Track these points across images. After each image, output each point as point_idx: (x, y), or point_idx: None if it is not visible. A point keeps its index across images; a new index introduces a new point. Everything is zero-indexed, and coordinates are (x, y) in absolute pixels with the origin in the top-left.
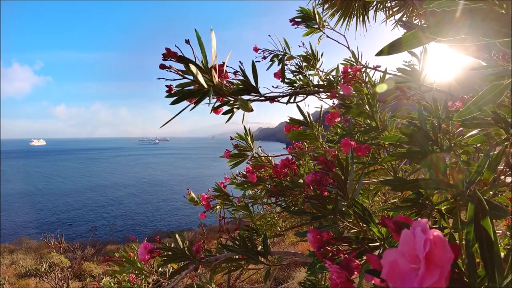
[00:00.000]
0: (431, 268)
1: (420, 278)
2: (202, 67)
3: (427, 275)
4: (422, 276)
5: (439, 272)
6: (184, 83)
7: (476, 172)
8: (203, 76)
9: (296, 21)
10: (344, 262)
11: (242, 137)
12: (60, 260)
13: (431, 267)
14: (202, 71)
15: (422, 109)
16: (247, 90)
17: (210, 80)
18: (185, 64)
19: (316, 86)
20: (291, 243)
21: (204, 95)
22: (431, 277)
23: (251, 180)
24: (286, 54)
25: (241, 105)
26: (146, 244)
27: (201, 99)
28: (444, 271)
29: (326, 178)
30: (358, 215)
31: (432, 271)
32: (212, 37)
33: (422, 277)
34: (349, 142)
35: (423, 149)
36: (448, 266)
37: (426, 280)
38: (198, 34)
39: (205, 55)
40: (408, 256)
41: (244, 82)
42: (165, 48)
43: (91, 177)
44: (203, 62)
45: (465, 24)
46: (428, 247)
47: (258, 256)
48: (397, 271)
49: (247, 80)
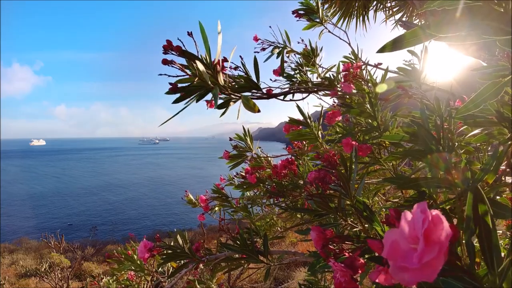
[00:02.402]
0: (429, 244)
1: (419, 254)
2: (206, 62)
3: (426, 251)
4: (421, 252)
5: (438, 248)
6: (186, 79)
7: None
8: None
9: (299, 13)
10: (349, 260)
11: (241, 137)
12: (60, 260)
13: (429, 243)
14: (206, 67)
15: (424, 107)
16: (249, 86)
17: (214, 77)
18: (188, 59)
19: (317, 85)
20: (291, 243)
21: (207, 91)
22: (430, 253)
23: (250, 181)
24: (286, 47)
25: (246, 105)
26: (146, 242)
27: (203, 95)
28: (443, 247)
29: (330, 176)
30: (361, 214)
31: (430, 248)
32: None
33: (421, 253)
34: (351, 142)
35: (427, 148)
36: (446, 242)
37: (425, 256)
38: (202, 26)
39: (209, 50)
40: (409, 236)
41: (246, 79)
42: (166, 40)
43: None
44: (206, 57)
45: (465, 23)
46: (426, 225)
47: (258, 255)
48: (398, 250)
49: (249, 76)
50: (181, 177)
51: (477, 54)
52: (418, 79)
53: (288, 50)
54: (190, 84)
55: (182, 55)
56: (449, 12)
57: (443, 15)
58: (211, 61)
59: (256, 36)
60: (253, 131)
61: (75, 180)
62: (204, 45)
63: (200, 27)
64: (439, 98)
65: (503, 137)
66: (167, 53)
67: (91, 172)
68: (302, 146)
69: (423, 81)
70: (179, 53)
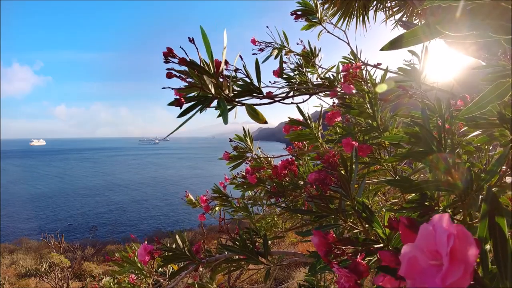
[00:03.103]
0: (454, 264)
1: (443, 275)
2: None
3: (450, 271)
4: (446, 273)
5: (463, 268)
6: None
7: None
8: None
9: (297, 14)
10: (352, 265)
11: (241, 138)
12: (60, 260)
13: (454, 263)
14: (209, 75)
15: (425, 108)
16: (251, 91)
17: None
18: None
19: (316, 86)
20: (291, 243)
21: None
22: (454, 274)
23: (250, 181)
24: (285, 48)
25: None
26: (146, 246)
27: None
28: (469, 267)
29: (330, 177)
30: (361, 215)
31: (455, 268)
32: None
33: (446, 273)
34: (351, 142)
35: (428, 149)
36: (473, 262)
37: (450, 277)
38: (204, 32)
39: (212, 59)
40: (428, 252)
41: (248, 84)
42: (166, 48)
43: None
44: (210, 66)
45: (466, 22)
46: (452, 242)
47: (258, 256)
48: (416, 267)
49: (250, 80)
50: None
51: (477, 54)
52: (418, 79)
53: (287, 51)
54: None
55: (186, 65)
56: (449, 11)
57: (443, 15)
58: (214, 70)
59: (254, 39)
60: (253, 131)
61: (77, 180)
62: (207, 53)
63: (202, 33)
64: (440, 98)
65: (505, 138)
66: (168, 61)
67: (93, 172)
68: (302, 146)
69: (423, 81)
70: (183, 63)
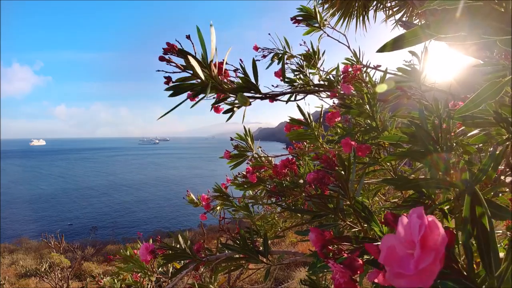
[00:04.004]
0: (426, 251)
1: (415, 261)
2: (202, 62)
3: (422, 257)
4: (418, 259)
5: (434, 254)
6: (183, 77)
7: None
8: (203, 70)
9: (297, 19)
10: (347, 261)
11: (242, 137)
12: (60, 260)
13: (426, 250)
14: (202, 66)
15: (423, 108)
16: (247, 87)
17: (210, 75)
18: (184, 57)
19: (317, 86)
20: (291, 243)
21: (202, 89)
22: (426, 259)
23: (251, 180)
24: (286, 53)
25: (239, 100)
26: (147, 245)
27: (199, 93)
28: (439, 253)
29: (328, 177)
30: (359, 214)
31: (426, 254)
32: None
33: (418, 259)
34: (350, 142)
35: (425, 148)
36: (442, 248)
37: (422, 262)
38: (199, 29)
39: (205, 50)
40: (405, 242)
41: (244, 80)
42: (166, 43)
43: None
44: (203, 57)
45: (465, 23)
46: (423, 231)
47: (259, 256)
48: (394, 256)
49: (247, 77)
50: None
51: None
52: (418, 79)
53: (288, 56)
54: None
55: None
56: (449, 11)
57: (443, 15)
58: (206, 60)
59: (256, 46)
60: (253, 131)
61: (80, 180)
62: (201, 45)
63: (197, 30)
64: (438, 99)
65: (501, 137)
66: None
67: (95, 172)
68: (303, 146)
69: (423, 82)
70: (177, 52)
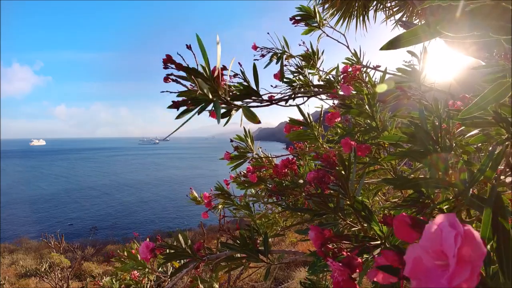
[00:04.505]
0: (461, 265)
1: (450, 276)
2: (205, 75)
3: (457, 272)
4: (453, 274)
5: (470, 269)
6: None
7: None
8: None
9: (296, 19)
10: (346, 260)
11: (241, 138)
12: (60, 260)
13: (461, 264)
14: (205, 79)
15: (423, 108)
16: (249, 94)
17: (214, 90)
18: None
19: (316, 86)
20: (291, 243)
21: (208, 104)
22: (461, 275)
23: (251, 180)
24: (285, 53)
25: (247, 116)
26: (148, 243)
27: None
28: (476, 268)
29: (328, 176)
30: (359, 213)
31: (462, 268)
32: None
33: (452, 274)
34: (349, 142)
35: (425, 148)
36: (480, 262)
37: (456, 278)
38: (200, 40)
39: (208, 64)
40: (433, 252)
41: (245, 87)
42: (166, 55)
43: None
44: (206, 70)
45: (466, 22)
46: (459, 243)
47: (259, 255)
48: (421, 268)
49: (248, 84)
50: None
51: (477, 54)
52: (418, 79)
53: (287, 56)
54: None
55: (182, 70)
56: (449, 11)
57: (443, 15)
58: (210, 74)
59: (255, 45)
60: (253, 131)
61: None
62: (203, 58)
63: (198, 40)
64: (438, 99)
65: (501, 137)
66: (167, 67)
67: (97, 172)
68: (303, 146)
69: (423, 82)
70: (179, 68)
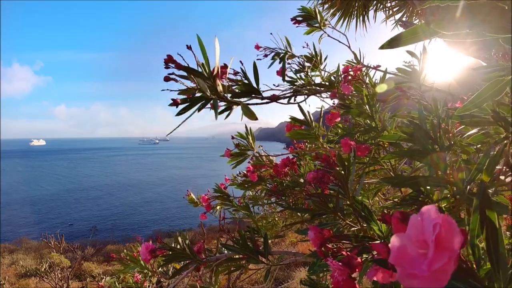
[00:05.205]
0: (440, 251)
1: (429, 261)
2: (205, 74)
3: (436, 258)
4: (431, 259)
5: (448, 254)
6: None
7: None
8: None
9: (298, 20)
10: (346, 259)
11: (243, 136)
12: (60, 260)
13: (440, 250)
14: (205, 78)
15: (422, 108)
16: (249, 92)
17: (214, 88)
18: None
19: (317, 85)
20: (291, 243)
21: (207, 101)
22: (440, 260)
23: (251, 179)
24: (288, 53)
25: (246, 113)
26: (148, 244)
27: (204, 105)
28: (453, 253)
29: (328, 176)
30: (359, 213)
31: (441, 254)
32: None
33: (431, 260)
34: (349, 142)
35: (423, 148)
36: (458, 248)
37: (435, 263)
38: (200, 40)
39: (208, 63)
40: (417, 241)
41: (246, 85)
42: (167, 55)
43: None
44: (205, 69)
45: (466, 22)
46: (437, 230)
47: (259, 256)
48: (405, 256)
49: (249, 82)
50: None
51: (477, 54)
52: (418, 80)
53: (289, 55)
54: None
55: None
56: (449, 11)
57: (443, 14)
58: (210, 73)
59: (258, 45)
60: (254, 132)
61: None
62: (203, 57)
63: (198, 41)
64: (437, 99)
65: (499, 136)
66: (168, 67)
67: (96, 172)
68: (304, 146)
69: (423, 82)
70: (179, 68)
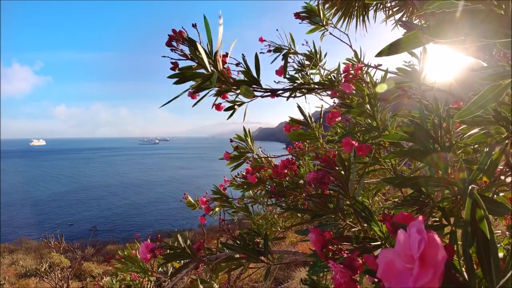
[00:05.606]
0: (424, 267)
1: (414, 278)
2: (207, 51)
3: (421, 274)
4: (416, 276)
5: (433, 271)
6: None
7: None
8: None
9: (301, 16)
10: (347, 261)
11: (241, 138)
12: (60, 260)
13: (424, 266)
14: (207, 56)
15: (423, 108)
16: (249, 81)
17: (214, 65)
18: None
19: (317, 84)
20: (291, 243)
21: (207, 79)
22: (424, 277)
23: (251, 181)
24: (291, 50)
25: (243, 92)
26: (147, 243)
27: (203, 83)
28: (437, 270)
29: (328, 177)
30: (359, 214)
31: (425, 271)
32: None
33: (416, 276)
34: (351, 142)
35: (424, 147)
36: (442, 265)
37: (420, 280)
38: (206, 19)
39: (211, 40)
40: (404, 256)
41: (246, 74)
42: (172, 30)
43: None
44: (208, 47)
45: (464, 25)
46: (422, 247)
47: (259, 255)
48: (392, 270)
49: (249, 71)
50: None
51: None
52: (418, 79)
53: (291, 52)
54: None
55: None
56: (449, 13)
57: (442, 16)
58: (212, 49)
59: (262, 38)
60: (253, 131)
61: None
62: (207, 35)
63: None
64: (438, 98)
65: (501, 136)
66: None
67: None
68: (303, 146)
69: (423, 82)
70: (182, 39)
